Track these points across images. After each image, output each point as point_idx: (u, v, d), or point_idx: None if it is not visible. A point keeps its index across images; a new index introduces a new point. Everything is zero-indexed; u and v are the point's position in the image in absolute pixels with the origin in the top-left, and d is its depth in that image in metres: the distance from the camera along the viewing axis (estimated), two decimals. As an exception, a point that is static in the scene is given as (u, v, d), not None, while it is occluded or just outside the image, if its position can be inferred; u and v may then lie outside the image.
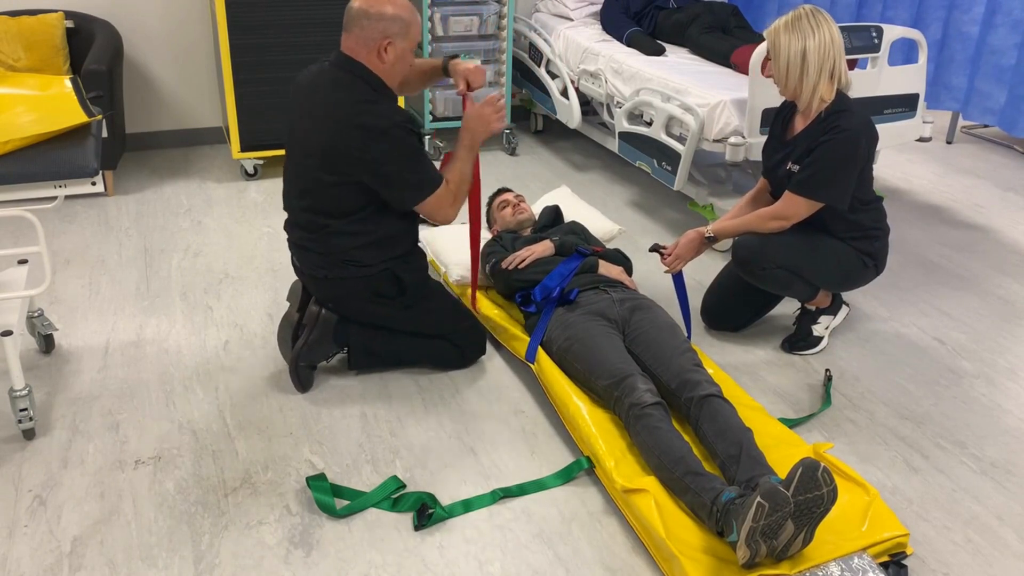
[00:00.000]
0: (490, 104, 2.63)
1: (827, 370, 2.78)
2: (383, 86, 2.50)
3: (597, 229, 3.35)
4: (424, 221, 2.72)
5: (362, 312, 2.68)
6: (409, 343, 2.76)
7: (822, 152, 2.62)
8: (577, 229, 3.15)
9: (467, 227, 3.03)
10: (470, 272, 3.05)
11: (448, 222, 2.65)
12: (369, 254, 2.57)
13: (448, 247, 3.27)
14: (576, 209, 3.50)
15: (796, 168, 2.71)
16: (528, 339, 2.72)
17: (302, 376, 2.66)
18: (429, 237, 3.35)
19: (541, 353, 2.64)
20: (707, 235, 2.83)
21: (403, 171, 2.48)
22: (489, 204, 3.36)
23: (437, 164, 2.62)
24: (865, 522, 2.06)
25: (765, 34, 2.68)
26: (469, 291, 3.06)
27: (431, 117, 4.68)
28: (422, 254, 2.75)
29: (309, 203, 2.55)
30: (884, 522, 2.06)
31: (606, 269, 2.87)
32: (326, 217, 2.53)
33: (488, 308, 2.99)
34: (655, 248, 2.83)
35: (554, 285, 2.75)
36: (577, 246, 2.93)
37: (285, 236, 2.69)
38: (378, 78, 2.48)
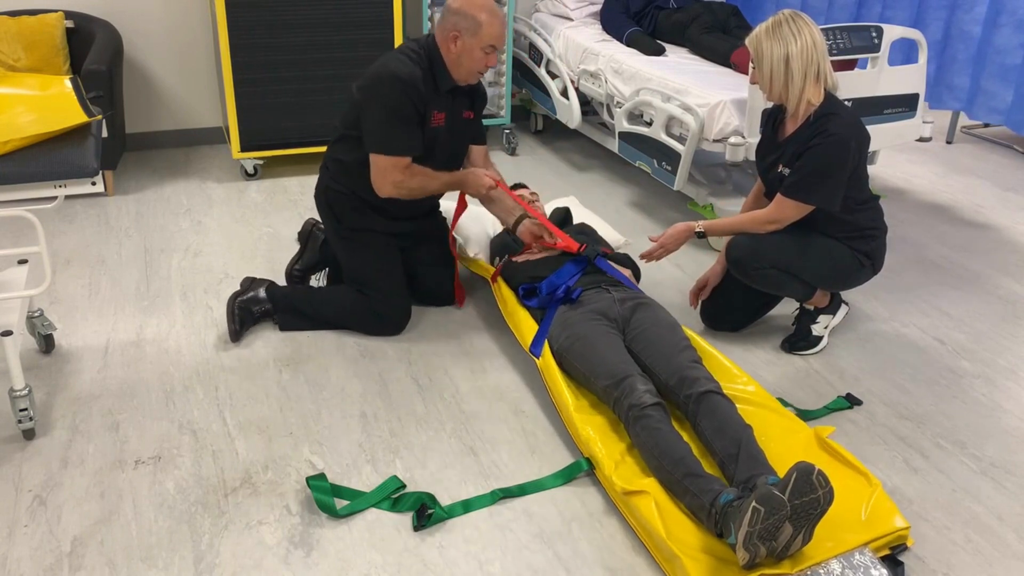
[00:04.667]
0: (492, 180, 2.93)
1: (849, 394, 2.70)
2: (441, 65, 2.77)
3: (604, 238, 3.36)
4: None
5: (322, 215, 3.02)
6: (331, 302, 2.97)
7: (811, 156, 2.63)
8: (587, 230, 3.17)
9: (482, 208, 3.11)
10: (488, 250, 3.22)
11: (379, 193, 2.83)
12: (338, 168, 2.92)
13: (465, 221, 3.29)
14: (584, 218, 3.51)
15: (786, 171, 2.72)
16: (535, 326, 2.72)
17: (241, 320, 2.91)
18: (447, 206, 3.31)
19: (546, 349, 2.64)
20: (697, 230, 2.83)
21: (379, 119, 2.73)
22: None
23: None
24: (865, 511, 2.08)
25: (747, 42, 2.68)
26: (488, 269, 3.13)
27: None
28: (379, 213, 2.93)
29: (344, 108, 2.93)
30: (885, 514, 2.08)
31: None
32: (342, 124, 2.91)
33: (505, 288, 2.97)
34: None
35: (562, 282, 2.76)
36: (598, 256, 2.89)
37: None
38: (441, 58, 2.77)
